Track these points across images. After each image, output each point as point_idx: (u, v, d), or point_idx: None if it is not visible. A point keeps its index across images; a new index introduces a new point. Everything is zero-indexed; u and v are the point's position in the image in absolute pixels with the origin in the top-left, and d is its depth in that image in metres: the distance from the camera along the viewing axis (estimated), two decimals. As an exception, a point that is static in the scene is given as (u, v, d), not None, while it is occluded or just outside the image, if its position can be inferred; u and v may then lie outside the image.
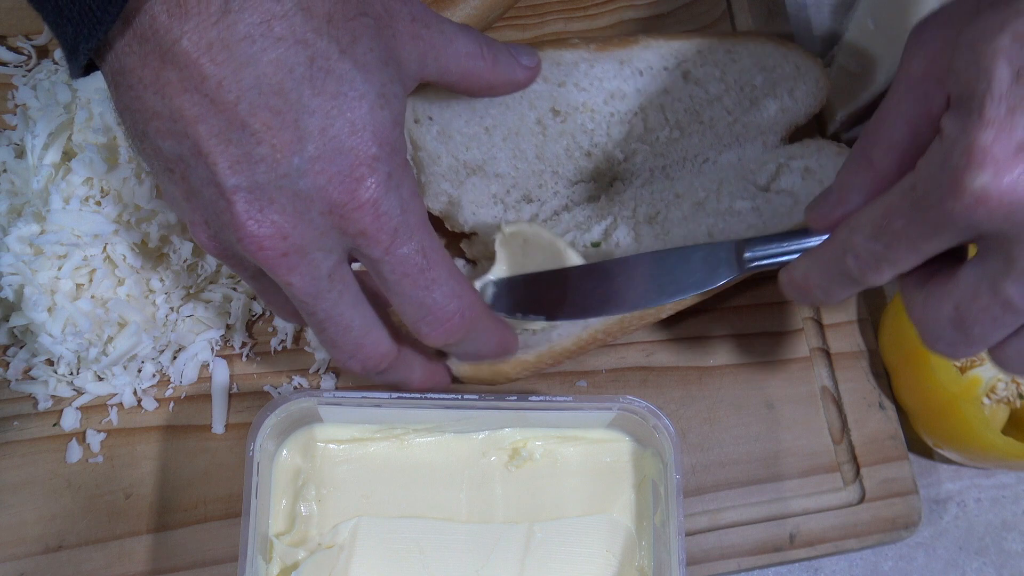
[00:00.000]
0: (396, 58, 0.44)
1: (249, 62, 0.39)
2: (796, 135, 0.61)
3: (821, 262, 0.43)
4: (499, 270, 0.54)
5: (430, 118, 0.53)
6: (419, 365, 0.50)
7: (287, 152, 0.40)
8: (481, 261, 0.58)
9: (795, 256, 0.46)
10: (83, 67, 0.41)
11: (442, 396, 0.51)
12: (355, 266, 0.46)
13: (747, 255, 0.48)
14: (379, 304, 0.47)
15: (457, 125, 0.54)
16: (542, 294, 0.51)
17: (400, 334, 0.48)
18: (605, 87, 0.57)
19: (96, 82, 0.54)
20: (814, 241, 0.46)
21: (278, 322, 0.58)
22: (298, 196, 0.41)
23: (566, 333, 0.54)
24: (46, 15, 0.40)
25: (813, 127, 0.63)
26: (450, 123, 0.54)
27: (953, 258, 0.39)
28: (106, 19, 0.38)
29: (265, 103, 0.39)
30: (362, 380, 0.58)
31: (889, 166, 0.41)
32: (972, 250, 0.40)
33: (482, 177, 0.56)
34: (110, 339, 0.54)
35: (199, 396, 0.56)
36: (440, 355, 0.52)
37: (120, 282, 0.53)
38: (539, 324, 0.54)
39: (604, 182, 0.59)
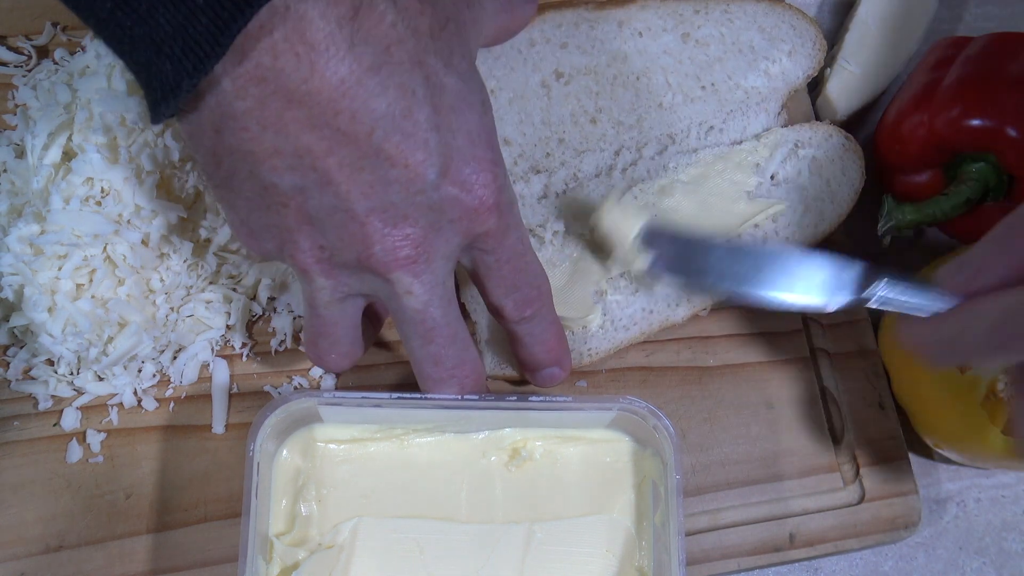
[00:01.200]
0: (472, 54, 0.46)
1: (379, 92, 0.40)
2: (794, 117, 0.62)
3: (939, 332, 0.43)
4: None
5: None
6: (481, 370, 0.52)
7: (420, 170, 0.42)
8: None
9: (917, 308, 0.45)
10: (174, 111, 0.39)
11: (442, 396, 0.51)
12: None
13: (876, 292, 0.46)
14: None
15: None
16: (694, 257, 0.50)
17: None
18: (607, 48, 0.57)
19: (97, 82, 0.54)
20: (942, 304, 0.44)
21: (278, 322, 0.58)
22: (431, 209, 0.43)
23: (607, 341, 0.56)
24: (136, 55, 0.38)
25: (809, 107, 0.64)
26: None
27: None
28: (216, 52, 0.37)
29: (397, 128, 0.41)
30: (370, 380, 0.58)
31: None
32: None
33: None
34: (110, 339, 0.54)
35: (199, 396, 0.56)
36: None
37: (120, 282, 0.53)
38: (677, 283, 0.55)
39: (611, 151, 0.59)
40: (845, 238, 0.61)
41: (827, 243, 0.60)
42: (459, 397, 0.51)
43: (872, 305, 0.46)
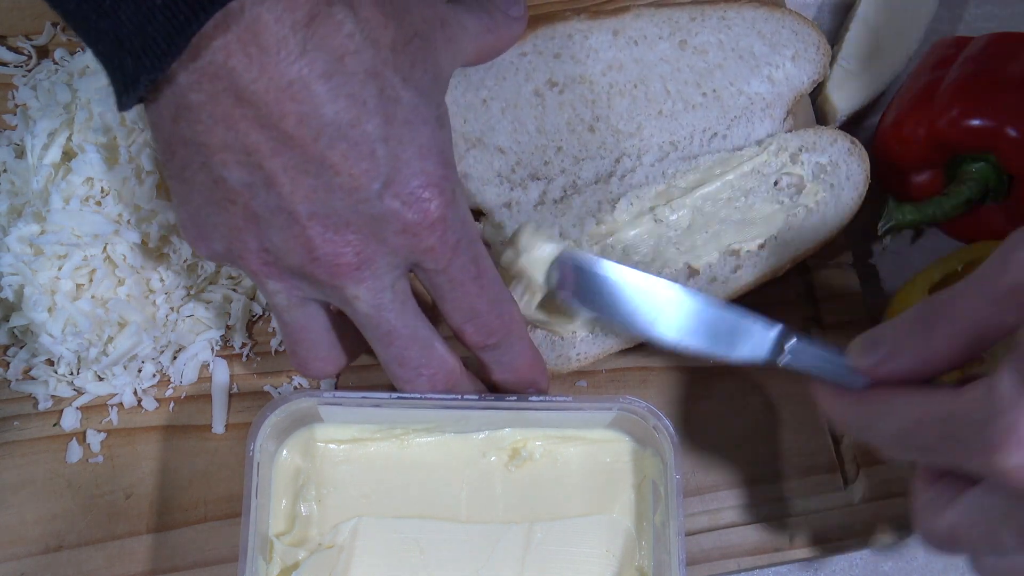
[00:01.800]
0: (438, 71, 0.46)
1: (328, 99, 0.40)
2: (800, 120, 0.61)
3: (850, 411, 0.43)
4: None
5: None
6: (477, 382, 0.52)
7: (365, 180, 0.42)
8: (494, 244, 0.58)
9: (829, 373, 0.45)
10: (137, 99, 0.41)
11: (442, 396, 0.51)
12: None
13: (786, 358, 0.47)
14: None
15: (453, 96, 0.55)
16: (604, 288, 0.49)
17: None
18: (601, 57, 0.57)
19: (97, 82, 0.54)
20: (850, 378, 0.44)
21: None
22: (374, 219, 0.43)
23: (596, 346, 0.56)
24: (101, 47, 0.40)
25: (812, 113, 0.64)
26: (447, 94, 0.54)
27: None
28: (172, 52, 0.38)
29: (343, 136, 0.41)
30: (370, 380, 0.58)
31: (946, 354, 0.40)
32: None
33: (483, 151, 0.57)
34: (110, 339, 0.54)
35: (199, 396, 0.56)
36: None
37: (120, 282, 0.53)
38: (587, 316, 0.53)
39: (611, 158, 0.59)
40: (845, 238, 0.61)
41: (827, 247, 0.60)
42: (459, 397, 0.51)
43: (781, 364, 0.46)
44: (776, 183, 0.59)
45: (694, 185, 0.58)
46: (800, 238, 0.58)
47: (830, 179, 0.59)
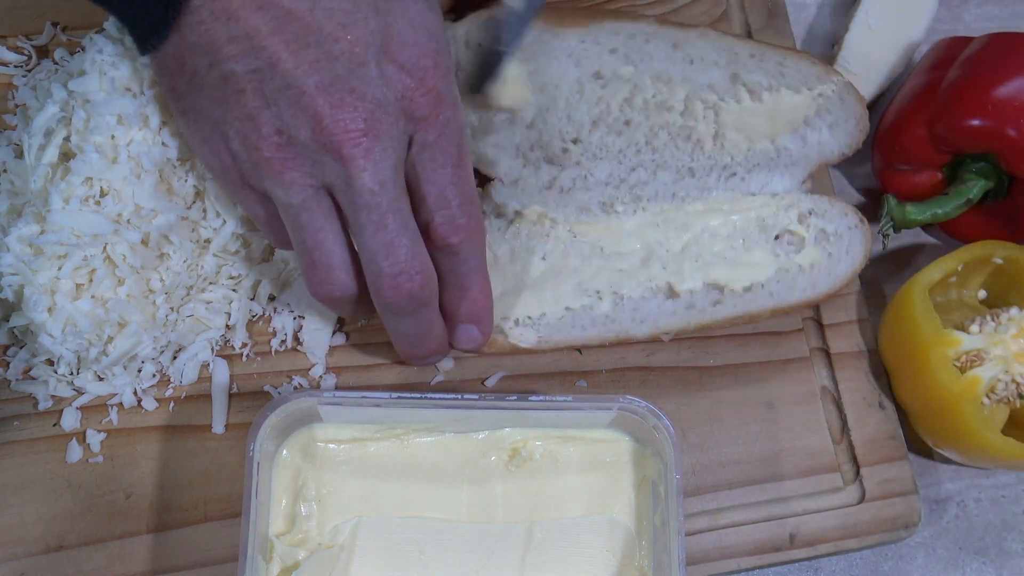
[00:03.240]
0: None
1: None
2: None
3: None
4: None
5: (479, 44, 0.55)
6: (440, 321, 0.52)
7: (363, 45, 0.44)
8: (487, 214, 0.58)
9: None
10: (158, 35, 0.45)
11: (442, 396, 0.51)
12: None
13: None
14: None
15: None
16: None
17: None
18: (654, 65, 0.57)
19: (96, 82, 0.54)
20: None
21: (278, 322, 0.58)
22: (373, 83, 0.45)
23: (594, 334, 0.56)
24: (118, 4, 0.45)
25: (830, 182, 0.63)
26: None
27: None
28: None
29: (338, 7, 0.44)
30: (370, 380, 0.58)
31: None
32: None
33: (511, 120, 0.57)
34: (110, 339, 0.54)
35: (199, 396, 0.56)
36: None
37: (120, 282, 0.53)
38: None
39: (628, 166, 0.58)
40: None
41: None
42: (459, 396, 0.51)
43: None
44: (777, 236, 0.58)
45: (699, 214, 0.58)
46: (786, 294, 0.58)
47: (830, 248, 0.58)
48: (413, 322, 0.50)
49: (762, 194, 0.59)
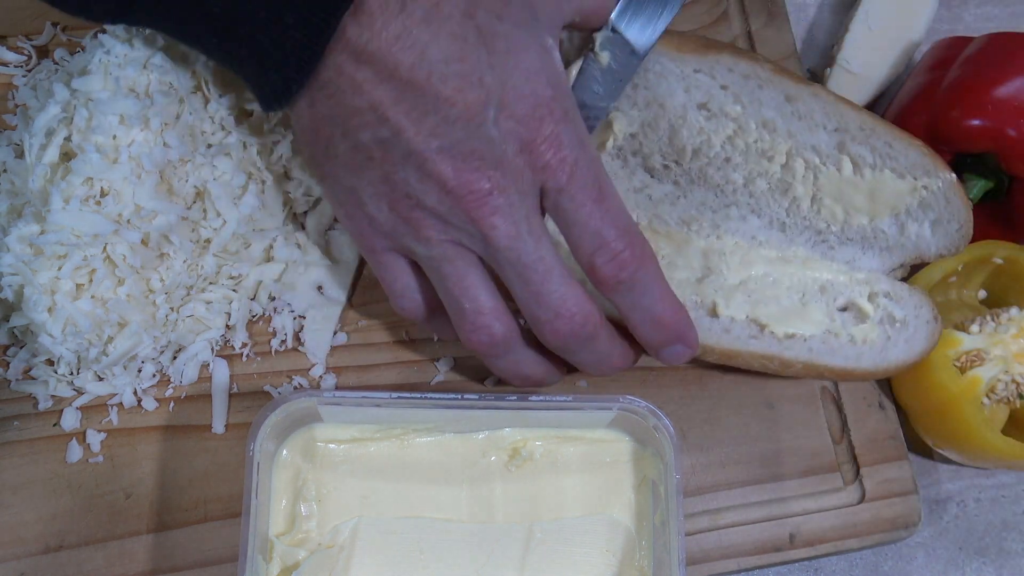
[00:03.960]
0: (534, 11, 0.48)
1: (431, 42, 0.44)
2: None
3: None
4: None
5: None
6: (618, 339, 0.51)
7: (479, 106, 0.45)
8: None
9: None
10: (285, 104, 0.47)
11: (442, 396, 0.51)
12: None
13: None
14: None
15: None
16: None
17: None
18: (762, 112, 0.56)
19: (96, 82, 0.54)
20: None
21: (278, 322, 0.58)
22: (493, 141, 0.45)
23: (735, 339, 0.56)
24: (245, 69, 0.47)
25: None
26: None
27: None
28: (313, 59, 0.45)
29: (452, 71, 0.45)
30: (370, 380, 0.58)
31: None
32: None
33: (605, 127, 0.57)
34: (110, 339, 0.54)
35: (199, 396, 0.56)
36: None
37: (120, 282, 0.53)
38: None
39: (723, 201, 0.57)
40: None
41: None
42: (459, 396, 0.51)
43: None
44: (844, 308, 0.57)
45: (769, 260, 0.57)
46: (826, 355, 0.56)
47: (890, 332, 0.56)
48: (587, 354, 0.50)
49: (843, 263, 0.57)
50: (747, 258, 0.57)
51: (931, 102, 0.59)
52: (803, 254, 0.57)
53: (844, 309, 0.57)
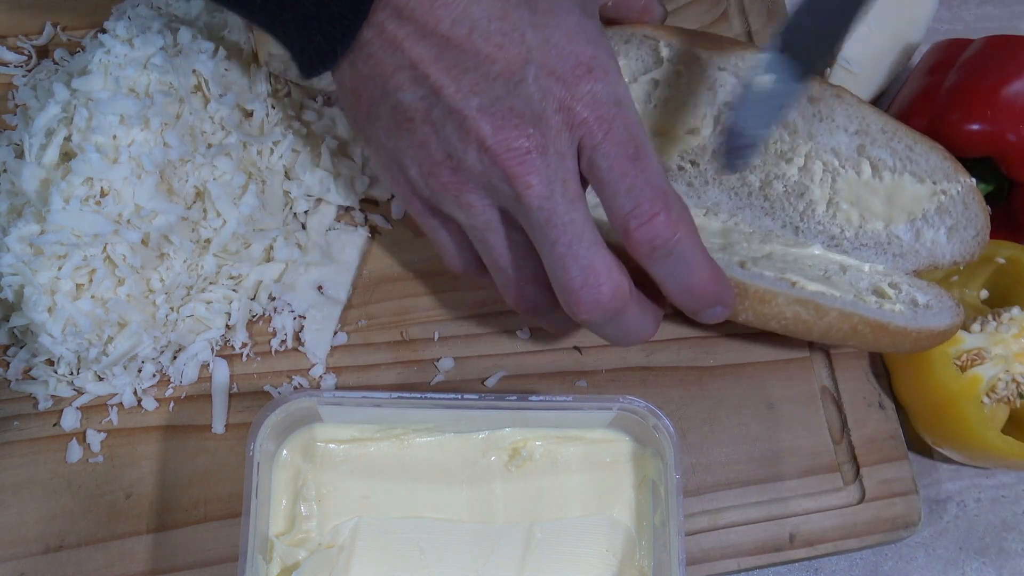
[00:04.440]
0: None
1: None
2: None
3: None
4: None
5: (730, 128, 0.51)
6: (648, 307, 0.50)
7: (520, 63, 0.45)
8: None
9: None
10: (328, 67, 0.47)
11: (442, 396, 0.51)
12: None
13: None
14: None
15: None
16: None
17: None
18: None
19: (96, 82, 0.54)
20: None
21: (278, 322, 0.58)
22: (532, 99, 0.45)
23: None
24: (288, 34, 0.47)
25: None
26: None
27: None
28: (357, 21, 0.45)
29: (495, 28, 0.44)
30: (370, 380, 0.58)
31: None
32: None
33: (681, 135, 0.57)
34: (110, 339, 0.54)
35: (199, 396, 0.56)
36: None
37: (120, 282, 0.53)
38: None
39: (735, 203, 0.57)
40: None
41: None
42: (459, 396, 0.51)
43: None
44: (862, 286, 0.56)
45: (789, 244, 0.57)
46: (861, 309, 0.53)
47: (915, 311, 0.55)
48: (614, 327, 0.49)
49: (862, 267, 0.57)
50: (766, 238, 0.57)
51: (930, 106, 0.59)
52: (818, 251, 0.57)
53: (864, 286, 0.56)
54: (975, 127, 0.57)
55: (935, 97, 0.59)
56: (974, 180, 0.54)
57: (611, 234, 0.47)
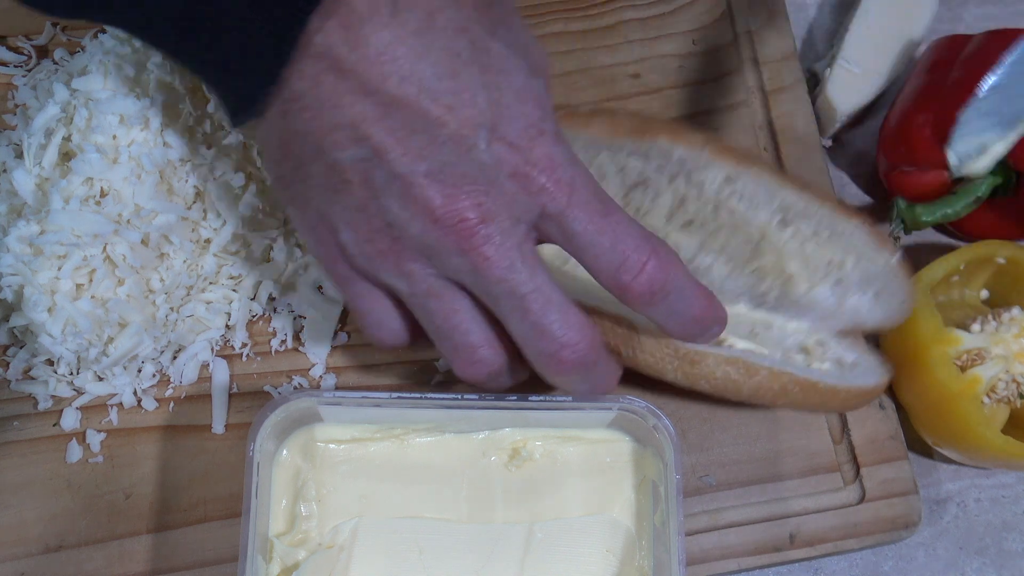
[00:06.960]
0: (520, 33, 0.46)
1: (424, 54, 0.41)
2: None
3: None
4: None
5: None
6: (613, 359, 0.50)
7: (471, 127, 0.42)
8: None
9: None
10: (254, 114, 0.43)
11: (442, 396, 0.51)
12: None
13: None
14: None
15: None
16: None
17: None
18: (704, 191, 0.55)
19: (96, 82, 0.54)
20: None
21: (278, 322, 0.58)
22: (485, 168, 0.42)
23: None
24: (210, 75, 0.44)
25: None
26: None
27: None
28: (281, 62, 0.40)
29: (445, 88, 0.41)
30: (370, 380, 0.58)
31: None
32: None
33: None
34: (110, 339, 0.54)
35: (199, 396, 0.56)
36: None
37: (120, 282, 0.53)
38: None
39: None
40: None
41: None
42: (459, 396, 0.51)
43: None
44: (788, 344, 0.55)
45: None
46: (788, 367, 0.52)
47: (841, 371, 0.54)
48: (584, 381, 0.48)
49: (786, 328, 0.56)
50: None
51: (934, 102, 0.59)
52: (743, 310, 0.56)
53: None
54: (984, 121, 0.57)
55: (938, 93, 0.59)
56: (898, 256, 0.54)
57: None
